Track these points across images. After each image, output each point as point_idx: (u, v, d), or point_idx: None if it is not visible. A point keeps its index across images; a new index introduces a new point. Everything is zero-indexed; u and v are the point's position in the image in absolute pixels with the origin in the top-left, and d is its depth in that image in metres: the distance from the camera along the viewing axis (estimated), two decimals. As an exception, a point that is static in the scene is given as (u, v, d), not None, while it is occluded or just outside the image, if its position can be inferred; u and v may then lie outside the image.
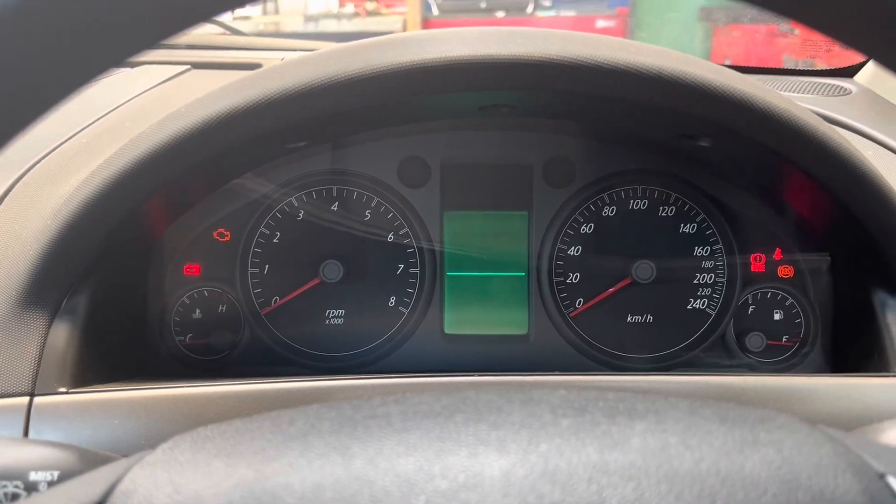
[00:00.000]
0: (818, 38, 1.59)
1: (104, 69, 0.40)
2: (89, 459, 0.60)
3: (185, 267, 1.14)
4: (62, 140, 1.06)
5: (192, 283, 1.14)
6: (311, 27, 7.55)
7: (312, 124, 0.88)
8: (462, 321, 1.17)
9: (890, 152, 1.16)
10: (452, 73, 0.80)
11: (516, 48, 0.80)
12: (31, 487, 0.55)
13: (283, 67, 0.83)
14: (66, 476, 0.56)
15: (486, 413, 0.47)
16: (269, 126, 0.83)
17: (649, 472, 0.41)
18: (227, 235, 1.14)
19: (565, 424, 0.46)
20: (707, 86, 0.79)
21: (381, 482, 0.41)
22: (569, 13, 7.63)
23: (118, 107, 1.19)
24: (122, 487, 0.43)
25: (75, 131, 1.09)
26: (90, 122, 1.13)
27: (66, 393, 0.79)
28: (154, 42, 0.40)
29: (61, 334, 0.83)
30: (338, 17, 7.69)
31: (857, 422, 0.71)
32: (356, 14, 7.66)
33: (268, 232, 1.14)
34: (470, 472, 0.41)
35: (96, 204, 0.82)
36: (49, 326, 0.83)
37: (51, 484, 0.55)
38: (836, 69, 1.53)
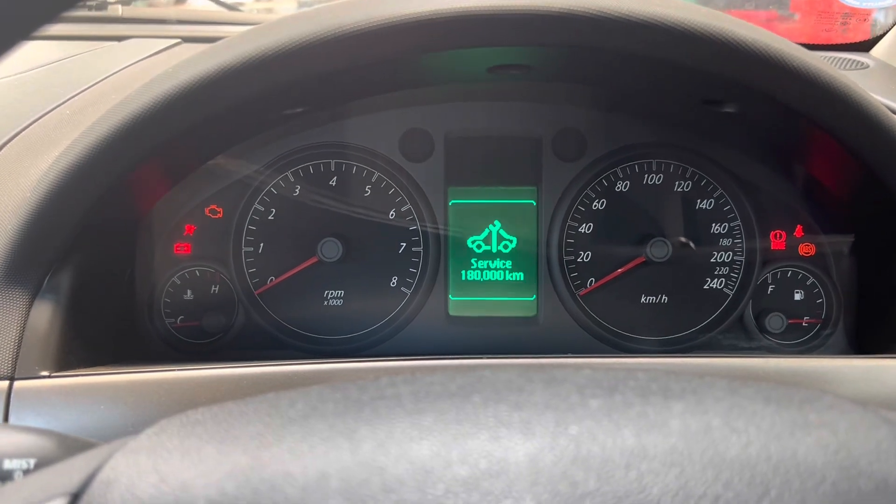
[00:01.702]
0: (836, 13, 1.55)
1: None
2: (70, 446, 0.57)
3: (175, 245, 1.11)
4: (43, 112, 1.02)
5: (183, 263, 1.11)
6: (305, 11, 7.54)
7: (310, 86, 0.84)
8: (467, 302, 1.14)
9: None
10: (463, 25, 0.76)
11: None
12: (4, 476, 0.53)
13: (279, 23, 0.78)
14: (43, 464, 0.54)
15: (507, 393, 0.44)
16: (264, 87, 0.79)
17: (693, 458, 0.38)
18: (219, 212, 1.11)
19: (595, 405, 0.43)
20: (739, 41, 0.75)
21: (393, 469, 0.37)
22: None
23: (104, 79, 1.14)
24: (101, 476, 0.40)
25: (57, 103, 1.05)
26: (73, 94, 1.08)
27: (49, 377, 0.77)
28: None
29: (43, 315, 0.81)
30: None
31: (887, 406, 0.67)
32: (352, -1, 7.65)
33: (262, 209, 1.11)
34: (493, 458, 0.38)
35: (78, 173, 0.78)
36: (30, 306, 0.80)
37: (27, 472, 0.53)
38: (852, 44, 1.50)
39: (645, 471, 0.37)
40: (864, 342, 1.06)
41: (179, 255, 1.11)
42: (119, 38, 1.42)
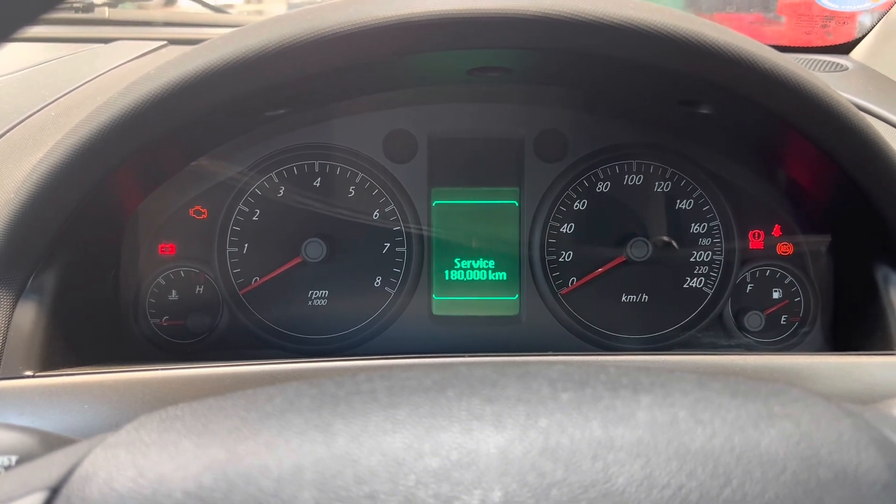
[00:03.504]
0: (815, 16, 1.57)
1: None
2: (52, 444, 0.57)
3: (159, 246, 1.10)
4: (28, 114, 1.02)
5: (168, 263, 1.10)
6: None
7: (291, 88, 0.84)
8: (450, 302, 1.14)
9: (889, 126, 1.14)
10: (440, 28, 0.76)
11: (511, 2, 0.76)
12: (-13, 473, 0.52)
13: (261, 25, 0.79)
14: (25, 461, 0.54)
15: (480, 387, 0.44)
16: (246, 89, 0.79)
17: (658, 449, 0.39)
18: (204, 213, 1.11)
19: (565, 398, 0.43)
20: (711, 44, 0.76)
21: (366, 461, 0.38)
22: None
23: (89, 81, 1.14)
24: (80, 471, 0.40)
25: (42, 105, 1.05)
26: (58, 96, 1.08)
27: (33, 377, 0.77)
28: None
29: (27, 315, 0.81)
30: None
31: (861, 402, 0.68)
32: (341, 2, 7.62)
33: (247, 209, 1.11)
34: (463, 450, 0.39)
35: (61, 174, 0.78)
36: (14, 306, 0.80)
37: (8, 469, 0.52)
38: (831, 46, 1.51)
39: (611, 461, 0.38)
40: (840, 339, 1.07)
41: (164, 256, 1.10)
42: (105, 40, 1.41)
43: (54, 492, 0.39)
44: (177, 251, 1.11)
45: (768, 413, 0.43)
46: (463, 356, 0.80)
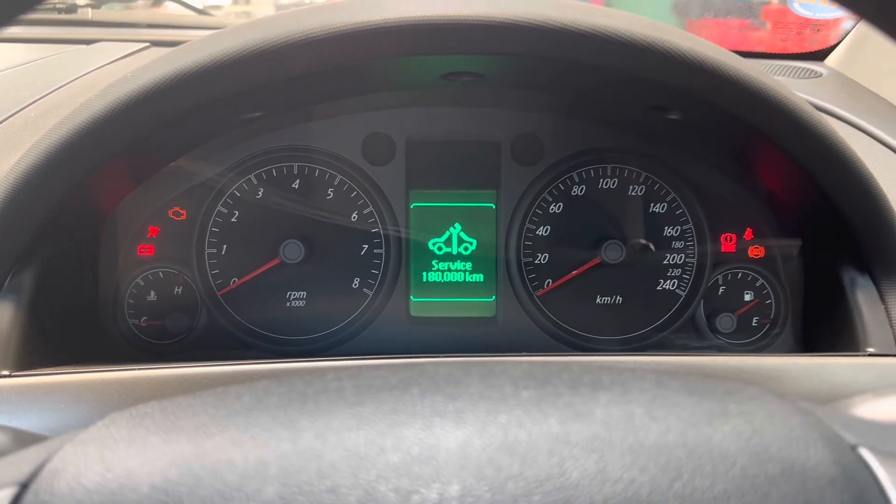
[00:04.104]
0: (791, 24, 1.59)
1: None
2: (26, 442, 0.57)
3: (138, 247, 1.10)
4: (8, 115, 1.02)
5: (147, 264, 1.11)
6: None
7: (266, 91, 0.84)
8: (428, 303, 1.15)
9: (860, 132, 1.16)
10: (409, 34, 0.77)
11: (478, 8, 0.77)
12: (-42, 471, 0.52)
13: (236, 29, 0.79)
14: None
15: (444, 385, 0.45)
16: (221, 91, 0.79)
17: (613, 444, 0.40)
18: (182, 214, 1.11)
19: (526, 396, 0.44)
20: (676, 51, 0.77)
21: (329, 456, 0.39)
22: None
23: (71, 82, 1.14)
24: (50, 466, 0.41)
25: (23, 106, 1.05)
26: (40, 96, 1.08)
27: (10, 376, 0.77)
28: None
29: (4, 314, 0.81)
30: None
31: (828, 401, 0.69)
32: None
33: (226, 211, 1.11)
34: (424, 445, 0.39)
35: (39, 176, 0.78)
36: None
37: None
38: (807, 53, 1.53)
39: (566, 456, 0.38)
40: (810, 340, 1.08)
41: (143, 257, 1.10)
42: (88, 42, 1.42)
43: (24, 487, 0.39)
44: (156, 252, 1.11)
45: (723, 411, 0.43)
46: (439, 357, 0.80)
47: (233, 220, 1.11)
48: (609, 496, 0.37)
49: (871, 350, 0.88)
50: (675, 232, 1.13)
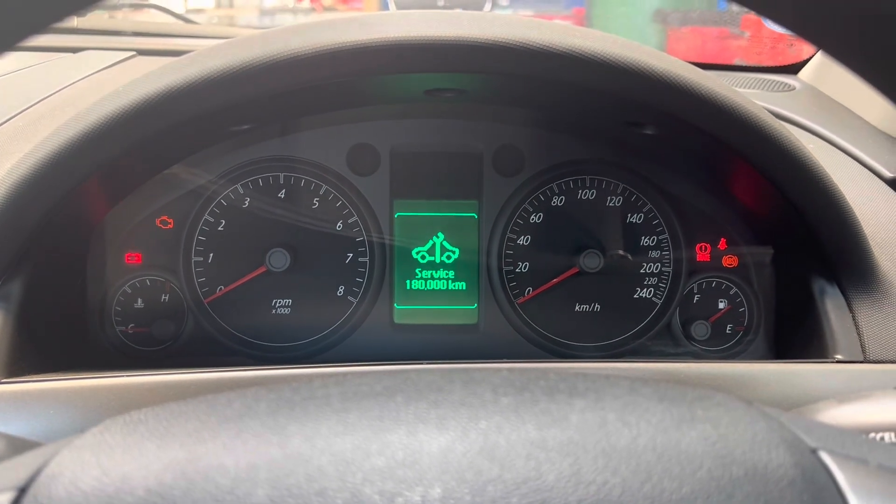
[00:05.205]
0: (765, 38, 1.63)
1: None
2: (18, 447, 0.58)
3: (126, 255, 1.11)
4: (-5, 124, 1.03)
5: (134, 272, 1.11)
6: (266, 21, 7.46)
7: (254, 105, 0.86)
8: (411, 311, 1.17)
9: (830, 145, 1.19)
10: (392, 53, 0.79)
11: (459, 30, 0.80)
12: (-48, 476, 0.53)
13: (225, 46, 0.81)
14: None
15: (427, 392, 0.46)
16: (209, 106, 0.81)
17: (587, 448, 0.41)
18: (170, 223, 1.12)
19: (505, 402, 0.45)
20: (649, 71, 0.80)
21: (317, 461, 0.40)
22: (526, 12, 7.68)
23: (57, 91, 1.15)
24: (47, 471, 0.41)
25: (11, 115, 1.05)
26: (26, 106, 1.09)
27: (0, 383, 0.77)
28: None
29: None
30: (293, 11, 7.59)
31: (798, 405, 0.72)
32: (312, 9, 7.59)
33: (212, 220, 1.12)
34: (408, 450, 0.41)
35: (29, 186, 0.79)
36: None
37: None
38: (780, 66, 1.56)
39: (542, 459, 0.40)
40: (782, 347, 1.10)
41: (130, 265, 1.11)
42: (74, 50, 1.41)
43: (22, 491, 0.40)
44: (143, 260, 1.11)
45: (691, 416, 0.45)
46: (422, 363, 0.81)
47: (219, 228, 1.12)
48: (583, 497, 0.39)
49: (839, 357, 0.90)
50: (652, 242, 1.15)
